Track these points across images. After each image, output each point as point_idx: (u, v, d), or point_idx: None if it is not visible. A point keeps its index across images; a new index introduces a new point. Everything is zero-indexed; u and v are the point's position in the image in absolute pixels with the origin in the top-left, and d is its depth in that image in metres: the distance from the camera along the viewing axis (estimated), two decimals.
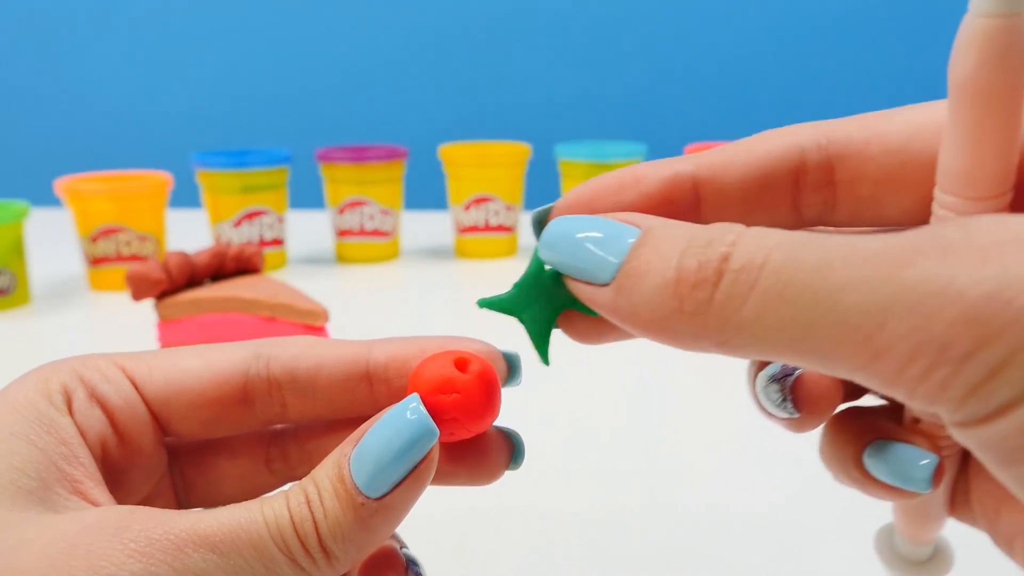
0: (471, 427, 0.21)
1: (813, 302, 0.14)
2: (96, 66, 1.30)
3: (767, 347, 0.15)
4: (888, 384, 0.14)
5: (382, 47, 1.27)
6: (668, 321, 0.16)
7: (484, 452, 0.22)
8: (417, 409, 0.20)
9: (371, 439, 0.20)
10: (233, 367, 0.23)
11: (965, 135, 0.16)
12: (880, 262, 0.14)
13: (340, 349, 0.23)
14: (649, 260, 0.16)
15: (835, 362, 0.14)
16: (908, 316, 0.13)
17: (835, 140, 0.19)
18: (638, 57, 1.27)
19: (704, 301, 0.15)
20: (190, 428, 0.23)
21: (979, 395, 0.13)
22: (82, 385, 0.22)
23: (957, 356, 0.13)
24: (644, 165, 0.20)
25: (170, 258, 0.56)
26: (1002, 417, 0.13)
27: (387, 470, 0.19)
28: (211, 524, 0.19)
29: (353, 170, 0.87)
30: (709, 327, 0.15)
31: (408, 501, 0.20)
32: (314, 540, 0.19)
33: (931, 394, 0.13)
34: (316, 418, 0.24)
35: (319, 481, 0.20)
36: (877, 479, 0.21)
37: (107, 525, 0.18)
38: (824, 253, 0.14)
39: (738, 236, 0.15)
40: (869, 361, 0.14)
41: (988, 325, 0.12)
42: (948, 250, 0.13)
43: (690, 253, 0.16)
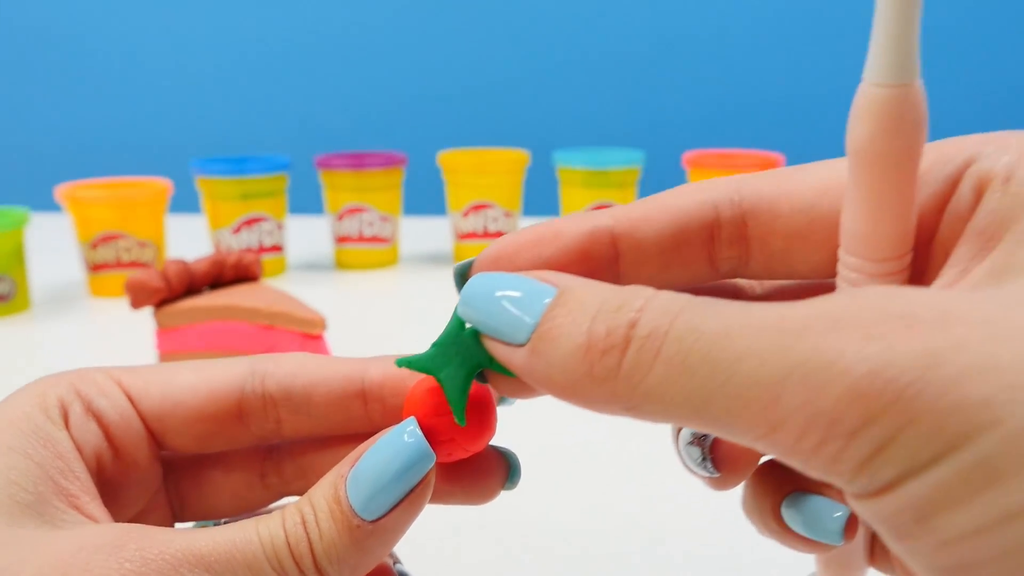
0: (468, 447, 0.21)
1: (712, 373, 0.14)
2: (96, 73, 1.30)
3: (673, 414, 0.15)
4: (786, 454, 0.14)
5: (381, 54, 1.28)
6: (580, 385, 0.16)
7: (480, 472, 0.22)
8: (414, 432, 0.20)
9: (368, 461, 0.20)
10: (229, 383, 0.23)
11: (863, 199, 0.17)
12: (774, 334, 0.14)
13: (336, 367, 0.23)
14: (562, 323, 0.16)
15: (736, 431, 0.15)
16: (800, 390, 0.13)
17: (747, 196, 0.20)
18: (636, 64, 1.27)
19: (612, 368, 0.16)
20: (185, 443, 0.23)
21: (867, 471, 0.13)
22: (79, 399, 0.22)
23: (845, 432, 0.13)
24: (563, 219, 0.20)
25: (169, 266, 0.56)
26: (889, 493, 0.13)
27: (383, 493, 0.19)
28: (207, 544, 0.19)
29: (352, 177, 0.88)
30: (618, 393, 0.16)
31: (404, 524, 0.20)
32: (309, 561, 0.19)
33: (825, 466, 0.14)
34: (311, 435, 0.24)
35: (315, 502, 0.20)
36: (794, 531, 0.21)
37: (103, 544, 0.18)
38: (723, 322, 0.15)
39: (646, 302, 0.16)
40: (767, 432, 0.14)
41: (873, 402, 0.13)
42: (836, 324, 0.13)
43: (600, 318, 0.16)
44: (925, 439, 0.12)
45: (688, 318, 0.15)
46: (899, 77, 0.16)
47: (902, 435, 0.12)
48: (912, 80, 0.16)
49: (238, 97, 1.30)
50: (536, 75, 1.27)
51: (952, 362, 0.12)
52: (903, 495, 0.13)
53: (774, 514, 0.22)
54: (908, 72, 0.16)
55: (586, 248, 0.20)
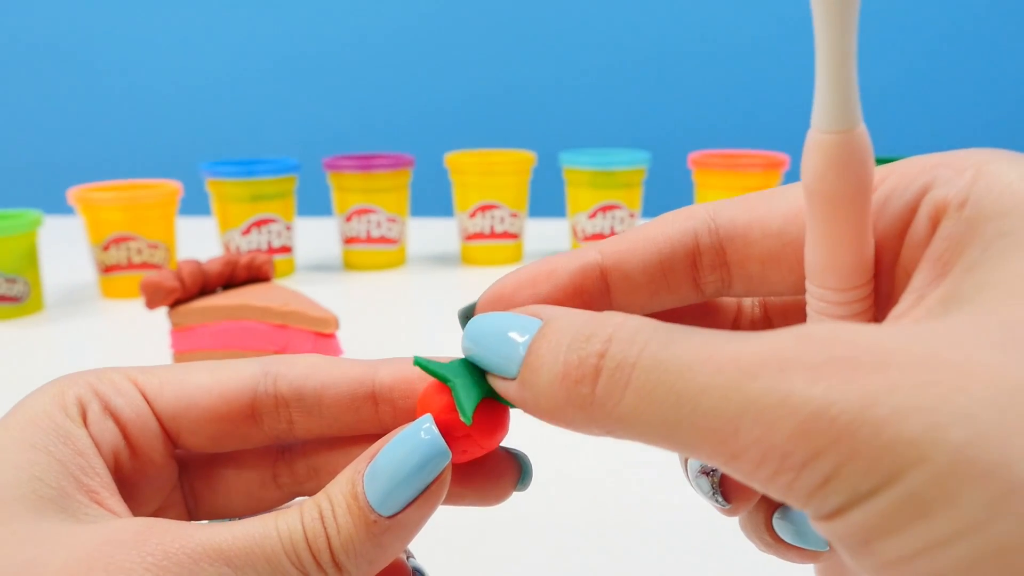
0: (483, 444, 0.21)
1: (678, 403, 0.15)
2: (107, 78, 1.32)
3: (647, 438, 0.16)
4: (747, 480, 0.15)
5: (389, 57, 1.29)
6: (562, 412, 0.17)
7: (492, 473, 0.23)
8: (431, 430, 0.20)
9: (385, 458, 0.20)
10: (242, 384, 0.23)
11: (819, 234, 0.18)
12: (732, 371, 0.15)
13: (346, 369, 0.24)
14: (543, 354, 0.18)
15: (702, 456, 0.16)
16: (755, 426, 0.14)
17: (722, 224, 0.21)
18: (642, 65, 1.28)
19: (587, 396, 0.17)
20: (199, 442, 0.24)
21: (816, 499, 0.14)
22: (96, 398, 0.22)
23: (795, 464, 0.14)
24: (555, 258, 0.22)
25: (183, 267, 0.57)
26: (837, 518, 0.14)
27: (400, 489, 0.20)
28: (226, 538, 0.19)
29: (360, 178, 0.89)
30: (595, 418, 0.17)
31: (420, 519, 0.20)
32: (327, 555, 0.19)
33: (781, 493, 0.15)
34: (322, 435, 0.24)
35: (333, 497, 0.20)
36: (786, 542, 0.22)
37: (126, 539, 0.19)
38: (688, 356, 0.16)
39: (614, 330, 0.17)
40: (729, 460, 0.15)
41: (818, 439, 0.14)
42: (786, 365, 0.14)
43: (573, 348, 0.17)
44: (863, 473, 0.13)
45: (654, 351, 0.16)
46: (841, 124, 0.17)
47: (844, 469, 0.14)
48: (853, 126, 0.17)
49: (247, 100, 1.31)
50: (543, 77, 1.28)
51: (885, 403, 0.13)
52: (848, 521, 0.14)
53: (767, 526, 0.23)
54: (849, 119, 0.17)
55: (578, 283, 0.21)
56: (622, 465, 0.48)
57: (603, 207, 0.90)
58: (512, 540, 0.41)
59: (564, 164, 0.92)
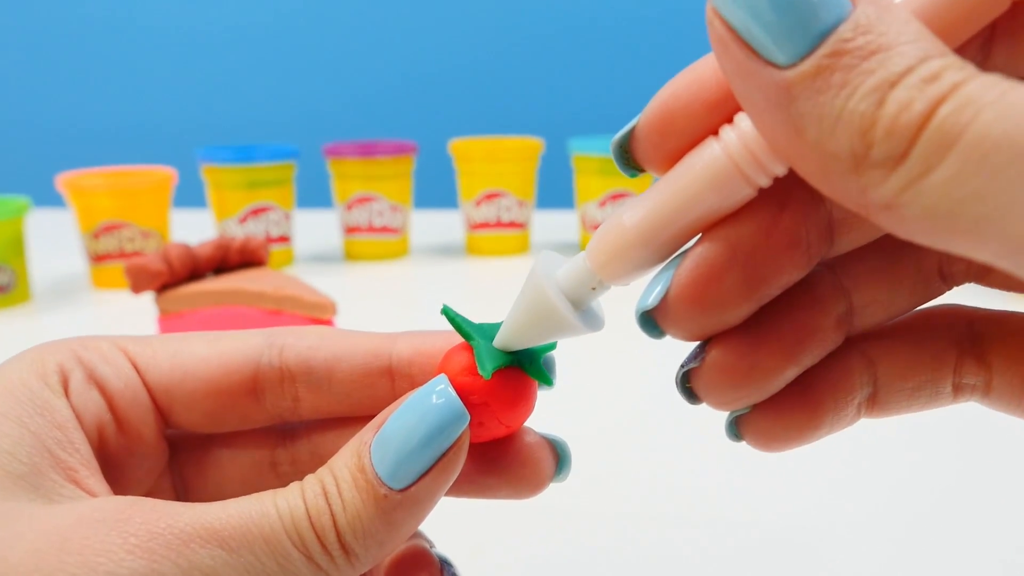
0: (502, 416, 0.19)
1: (1010, 187, 0.11)
2: (98, 61, 1.28)
3: (944, 223, 0.12)
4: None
5: (390, 40, 1.26)
6: (835, 167, 0.13)
7: (528, 461, 0.20)
8: (445, 391, 0.18)
9: (394, 424, 0.18)
10: (244, 355, 0.21)
11: None
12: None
13: (361, 340, 0.21)
14: (853, 64, 0.12)
15: (1010, 264, 0.12)
16: None
17: None
18: (652, 49, 1.24)
19: (894, 155, 0.12)
20: (193, 419, 0.21)
21: None
22: (80, 366, 0.20)
23: None
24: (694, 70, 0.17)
25: (171, 249, 0.54)
26: None
27: (412, 458, 0.18)
28: (219, 517, 0.17)
29: (361, 165, 0.85)
30: (882, 189, 0.12)
31: (435, 493, 0.18)
32: (332, 535, 0.17)
33: None
34: (330, 415, 0.22)
35: (337, 471, 0.18)
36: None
37: (105, 517, 0.17)
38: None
39: (962, 80, 0.12)
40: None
41: None
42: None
43: (908, 84, 0.12)
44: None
45: (1001, 109, 0.12)
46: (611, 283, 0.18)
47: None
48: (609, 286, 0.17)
49: (244, 87, 1.28)
50: (550, 60, 1.25)
51: None
52: None
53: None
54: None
55: None
56: (668, 455, 0.45)
57: (613, 195, 0.87)
58: (544, 535, 0.37)
59: (573, 151, 0.88)
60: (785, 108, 0.13)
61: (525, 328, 0.18)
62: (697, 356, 0.17)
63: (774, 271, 0.16)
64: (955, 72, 0.12)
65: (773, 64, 0.13)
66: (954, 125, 0.12)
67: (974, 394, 0.18)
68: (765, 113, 0.14)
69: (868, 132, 0.12)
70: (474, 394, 0.18)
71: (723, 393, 0.17)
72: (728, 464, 0.44)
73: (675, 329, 0.17)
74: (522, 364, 0.19)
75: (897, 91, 0.12)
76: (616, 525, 0.39)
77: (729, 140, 0.16)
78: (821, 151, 0.13)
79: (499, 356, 0.19)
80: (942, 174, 0.12)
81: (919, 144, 0.12)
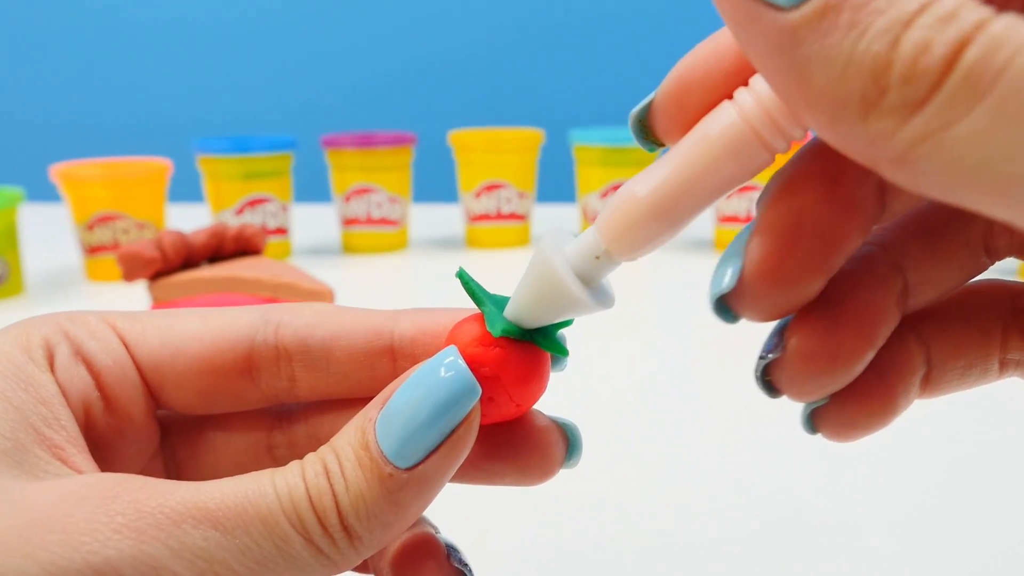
0: (513, 391, 0.18)
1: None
2: (93, 53, 1.27)
3: (968, 180, 0.11)
4: None
5: (388, 30, 1.25)
6: (845, 114, 0.12)
7: (536, 446, 0.19)
8: (455, 363, 0.17)
9: (400, 399, 0.17)
10: (238, 332, 0.20)
11: None
12: None
13: (361, 318, 0.20)
14: (869, 6, 0.11)
15: None
16: None
17: None
18: (653, 38, 1.23)
19: (914, 100, 0.11)
20: (185, 399, 0.20)
21: None
22: (66, 340, 0.19)
23: None
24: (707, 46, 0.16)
25: (165, 236, 0.53)
26: None
27: (419, 435, 0.16)
28: (213, 496, 0.16)
29: (359, 156, 0.84)
30: (901, 135, 0.11)
31: (443, 472, 0.17)
32: (334, 516, 0.16)
33: None
34: (328, 396, 0.21)
35: (340, 449, 0.17)
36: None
37: (91, 494, 0.16)
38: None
39: (984, 20, 0.11)
40: None
41: None
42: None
43: (924, 23, 0.11)
44: None
45: None
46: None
47: None
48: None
49: (241, 77, 1.27)
50: (551, 50, 1.23)
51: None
52: None
53: None
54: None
55: None
56: (675, 440, 0.44)
57: (615, 186, 0.86)
58: (551, 520, 0.36)
59: (574, 142, 0.87)
60: (790, 53, 0.12)
61: (533, 306, 0.17)
62: (777, 346, 0.17)
63: (841, 238, 0.15)
64: (973, 10, 0.11)
65: (775, 6, 0.12)
66: (986, 70, 0.11)
67: (1018, 369, 0.18)
68: (769, 60, 0.13)
69: (881, 76, 0.11)
70: (485, 366, 0.17)
71: (807, 382, 0.16)
72: (732, 447, 0.43)
73: (752, 310, 0.16)
74: (535, 338, 0.18)
75: (912, 31, 0.11)
76: (623, 512, 0.37)
77: (745, 103, 0.15)
78: (829, 97, 0.12)
79: (511, 324, 0.18)
80: (970, 126, 0.11)
81: (942, 91, 0.11)
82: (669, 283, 0.76)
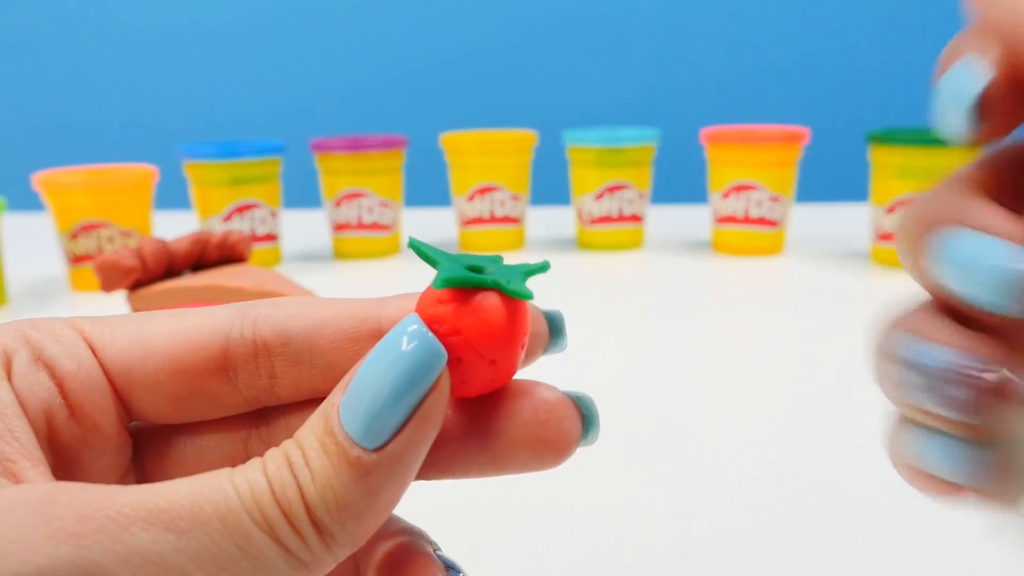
0: (479, 345, 0.16)
1: None
2: (76, 57, 1.25)
3: None
4: None
5: (378, 31, 1.23)
6: None
7: (548, 420, 0.18)
8: (418, 331, 0.16)
9: (363, 377, 0.16)
10: (212, 328, 0.18)
11: None
12: None
13: (346, 305, 0.19)
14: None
15: None
16: None
17: None
18: (648, 39, 1.22)
19: None
20: (156, 404, 0.19)
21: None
22: (26, 345, 0.18)
23: None
24: None
25: (145, 244, 0.51)
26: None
27: (385, 411, 0.15)
28: (165, 496, 0.15)
29: (350, 160, 0.83)
30: None
31: (416, 450, 0.16)
32: (301, 510, 0.15)
33: None
34: (312, 394, 0.19)
35: (303, 439, 0.16)
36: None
37: (24, 501, 0.14)
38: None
39: None
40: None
41: None
42: None
43: None
44: None
45: None
46: None
47: None
48: None
49: (228, 81, 1.25)
50: (544, 51, 1.22)
51: None
52: None
53: None
54: None
55: None
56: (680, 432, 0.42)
57: (611, 187, 0.84)
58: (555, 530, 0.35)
59: (568, 143, 0.86)
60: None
61: None
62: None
63: None
64: None
65: None
66: None
67: None
68: None
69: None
70: (443, 324, 0.16)
71: None
72: (732, 451, 0.41)
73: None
74: (499, 284, 0.16)
75: None
76: (622, 520, 0.36)
77: None
78: None
79: (462, 273, 0.16)
80: None
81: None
82: (668, 284, 0.74)
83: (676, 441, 0.44)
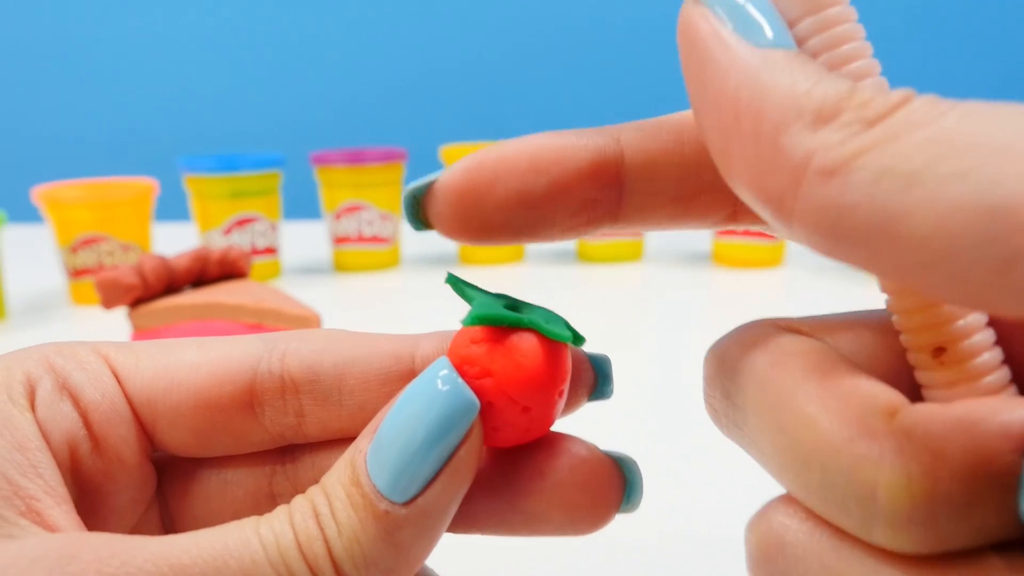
0: (510, 388, 0.15)
1: None
2: (76, 71, 1.26)
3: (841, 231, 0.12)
4: None
5: (378, 45, 1.23)
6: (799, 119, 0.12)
7: (586, 484, 0.17)
8: (450, 377, 0.15)
9: (391, 424, 0.15)
10: (239, 362, 0.18)
11: None
12: None
13: (378, 342, 0.18)
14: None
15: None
16: None
17: None
18: (640, 56, 1.22)
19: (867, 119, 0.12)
20: (180, 437, 0.18)
21: None
22: (50, 373, 0.17)
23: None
24: (558, 136, 0.16)
25: (145, 261, 0.51)
26: None
27: (414, 463, 0.15)
28: (188, 550, 0.14)
29: (350, 173, 0.83)
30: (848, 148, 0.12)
31: (445, 505, 0.15)
32: (327, 565, 0.14)
33: None
34: (341, 434, 0.18)
35: (329, 488, 0.15)
36: None
37: (44, 556, 0.14)
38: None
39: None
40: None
41: None
42: None
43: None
44: None
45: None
46: None
47: None
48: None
49: (228, 94, 1.25)
50: (539, 66, 1.22)
51: None
52: None
53: None
54: None
55: (590, 175, 0.16)
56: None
57: None
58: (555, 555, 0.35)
59: None
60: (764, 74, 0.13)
61: None
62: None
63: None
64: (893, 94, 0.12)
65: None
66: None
67: None
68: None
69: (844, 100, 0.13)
70: (474, 365, 0.15)
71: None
72: (734, 461, 0.41)
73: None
74: (536, 324, 0.15)
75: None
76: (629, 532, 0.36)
77: None
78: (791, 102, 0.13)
79: (496, 310, 0.15)
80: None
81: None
82: (668, 297, 0.74)
83: (676, 454, 0.44)
